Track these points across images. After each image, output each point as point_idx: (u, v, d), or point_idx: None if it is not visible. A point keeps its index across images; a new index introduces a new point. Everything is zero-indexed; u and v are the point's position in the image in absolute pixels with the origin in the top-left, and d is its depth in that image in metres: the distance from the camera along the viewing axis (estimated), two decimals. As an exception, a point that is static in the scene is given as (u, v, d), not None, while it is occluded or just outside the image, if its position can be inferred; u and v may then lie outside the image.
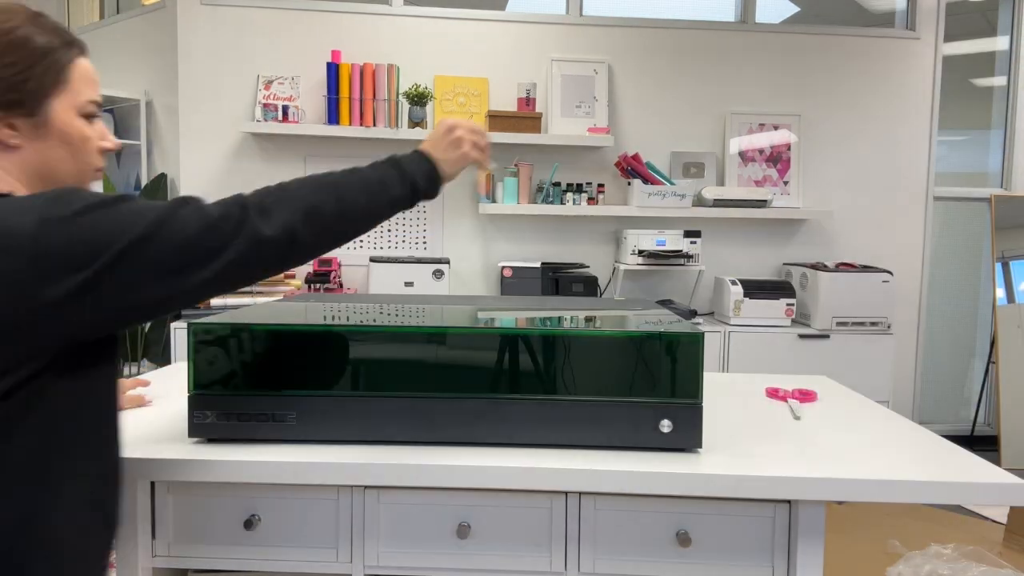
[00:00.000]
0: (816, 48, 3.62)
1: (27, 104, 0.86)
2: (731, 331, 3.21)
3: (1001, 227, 3.55)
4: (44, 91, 0.87)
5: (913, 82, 3.66)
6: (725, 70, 3.60)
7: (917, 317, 3.75)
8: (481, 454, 1.10)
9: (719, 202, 3.39)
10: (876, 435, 1.25)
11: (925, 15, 3.64)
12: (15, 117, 0.86)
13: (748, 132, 3.60)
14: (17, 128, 0.87)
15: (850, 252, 3.70)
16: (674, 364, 1.11)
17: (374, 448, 1.12)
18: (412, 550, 1.15)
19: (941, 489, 1.05)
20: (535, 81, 3.47)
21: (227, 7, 3.34)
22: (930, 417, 3.90)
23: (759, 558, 1.12)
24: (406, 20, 3.45)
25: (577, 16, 3.54)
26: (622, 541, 1.14)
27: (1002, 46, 3.88)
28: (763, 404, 1.45)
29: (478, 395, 1.13)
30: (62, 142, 0.90)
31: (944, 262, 3.87)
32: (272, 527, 1.15)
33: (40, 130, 0.88)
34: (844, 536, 2.74)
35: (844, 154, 3.67)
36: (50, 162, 0.89)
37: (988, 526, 2.89)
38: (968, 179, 3.95)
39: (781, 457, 1.12)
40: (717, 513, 1.12)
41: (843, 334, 3.24)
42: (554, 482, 1.06)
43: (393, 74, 3.30)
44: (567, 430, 1.13)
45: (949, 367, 3.93)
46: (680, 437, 1.12)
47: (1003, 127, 3.90)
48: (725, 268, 3.65)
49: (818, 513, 1.09)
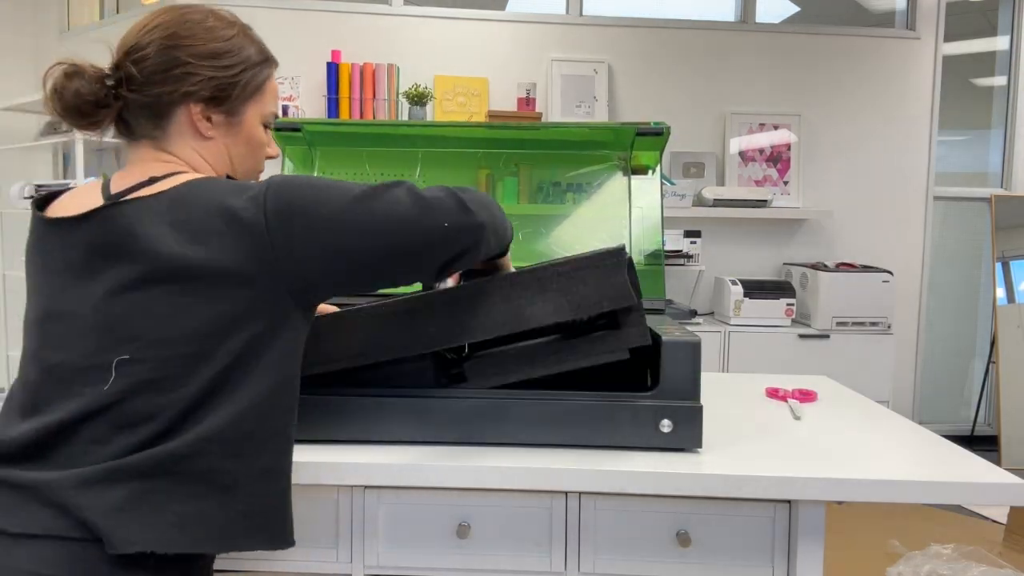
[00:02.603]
0: (816, 48, 3.62)
1: (228, 104, 0.97)
2: (731, 331, 3.21)
3: (1001, 227, 3.55)
4: (245, 97, 0.99)
5: (913, 82, 3.66)
6: (725, 70, 3.60)
7: (917, 317, 3.75)
8: (481, 454, 1.10)
9: (719, 202, 3.39)
10: (876, 435, 1.25)
11: (925, 15, 3.64)
12: (215, 112, 0.97)
13: (748, 132, 3.60)
14: (213, 122, 0.97)
15: (850, 252, 3.70)
16: (673, 364, 1.11)
17: (374, 448, 1.12)
18: (412, 550, 1.14)
19: (941, 489, 1.04)
20: (535, 81, 3.47)
21: (227, 7, 3.34)
22: (930, 417, 3.90)
23: (759, 558, 1.12)
24: (406, 20, 3.45)
25: (577, 16, 3.54)
26: (622, 541, 1.14)
27: (1002, 46, 3.88)
28: (763, 404, 1.45)
29: (478, 395, 1.13)
30: (245, 143, 1.02)
31: (944, 262, 3.87)
32: (272, 527, 1.15)
33: (232, 128, 0.99)
34: (844, 536, 2.74)
35: (844, 154, 3.67)
36: (232, 156, 1.01)
37: (988, 526, 2.89)
38: (968, 179, 3.95)
39: (781, 457, 1.12)
40: (717, 513, 1.12)
41: (843, 334, 3.24)
42: (554, 482, 1.06)
43: (393, 74, 3.30)
44: (567, 430, 1.13)
45: (949, 367, 3.93)
46: (680, 437, 1.12)
47: (1003, 127, 3.90)
48: (725, 268, 3.65)
49: (818, 513, 1.09)
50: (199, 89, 0.94)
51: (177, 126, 0.95)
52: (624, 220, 1.52)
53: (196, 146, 0.97)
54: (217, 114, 0.97)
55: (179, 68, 0.92)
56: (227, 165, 1.01)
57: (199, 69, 0.93)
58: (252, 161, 1.04)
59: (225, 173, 1.02)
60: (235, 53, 0.97)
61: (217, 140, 0.98)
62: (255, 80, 0.99)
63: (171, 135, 0.96)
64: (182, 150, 0.96)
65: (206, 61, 0.94)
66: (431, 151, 1.68)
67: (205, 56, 0.94)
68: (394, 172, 1.65)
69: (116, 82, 0.92)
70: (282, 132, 1.52)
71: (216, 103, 0.96)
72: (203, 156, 0.98)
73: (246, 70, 0.98)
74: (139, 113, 0.94)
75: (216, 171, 1.00)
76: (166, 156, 0.96)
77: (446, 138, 1.67)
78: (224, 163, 1.01)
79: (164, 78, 0.92)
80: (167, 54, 0.92)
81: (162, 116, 0.94)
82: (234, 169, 1.03)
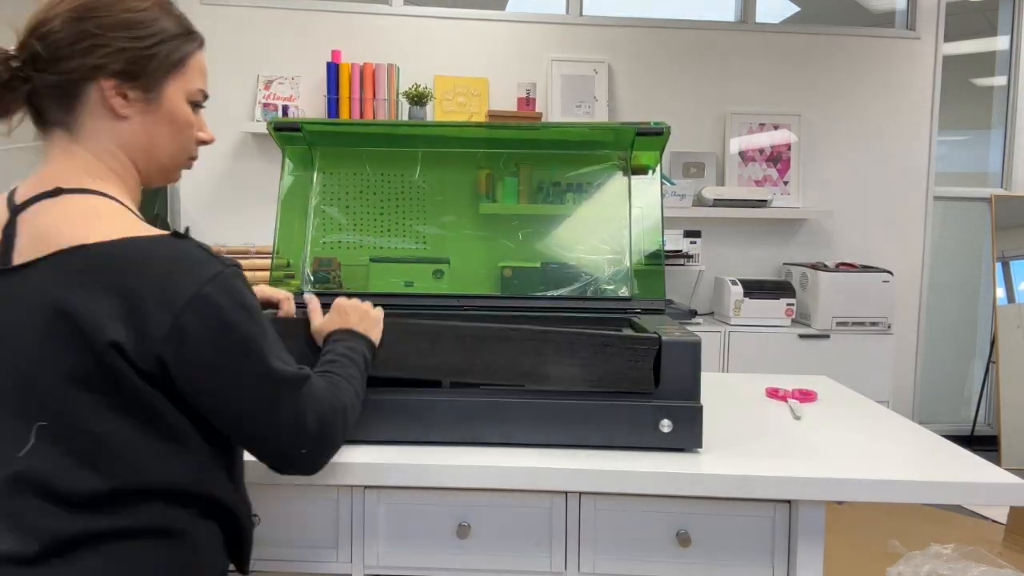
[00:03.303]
0: (816, 48, 3.62)
1: (144, 79, 0.90)
2: (731, 331, 3.21)
3: (1001, 227, 3.55)
4: (163, 71, 0.92)
5: (913, 82, 3.66)
6: (725, 70, 3.60)
7: (917, 317, 3.75)
8: (481, 454, 1.10)
9: (719, 202, 3.39)
10: (876, 435, 1.25)
11: (925, 15, 3.64)
12: (130, 89, 0.90)
13: (748, 132, 3.60)
14: (129, 100, 0.90)
15: (850, 252, 3.70)
16: (673, 365, 1.11)
17: (374, 448, 1.12)
18: (412, 550, 1.14)
19: (941, 489, 1.05)
20: (535, 81, 3.47)
21: (227, 7, 3.34)
22: (930, 417, 3.90)
23: (759, 558, 1.12)
24: (406, 20, 3.45)
25: (577, 16, 3.54)
26: (622, 541, 1.14)
27: (1002, 46, 3.88)
28: (763, 404, 1.45)
29: (478, 395, 1.13)
30: (169, 122, 0.94)
31: (944, 262, 3.87)
32: (272, 527, 1.15)
33: (151, 106, 0.92)
34: (844, 536, 2.74)
35: (844, 154, 3.67)
36: (153, 138, 0.94)
37: (988, 526, 2.89)
38: (968, 179, 3.94)
39: (781, 457, 1.12)
40: (717, 513, 1.12)
41: (843, 334, 3.24)
42: (554, 482, 1.06)
43: (393, 74, 3.30)
44: (567, 430, 1.13)
45: (949, 367, 3.93)
46: (680, 437, 1.12)
47: (1003, 127, 3.90)
48: (725, 268, 3.65)
49: (818, 513, 1.09)
50: (109, 62, 0.87)
51: (89, 108, 0.89)
52: (624, 220, 1.52)
53: (111, 130, 0.90)
54: (133, 90, 0.90)
55: (87, 40, 0.86)
56: (146, 151, 0.94)
57: (109, 40, 0.87)
58: (178, 144, 0.96)
59: (144, 162, 0.95)
60: (148, 24, 0.90)
61: (134, 120, 0.91)
62: (175, 54, 0.92)
63: (83, 120, 0.89)
64: (96, 139, 0.90)
65: (117, 32, 0.88)
66: (431, 151, 1.68)
67: (115, 27, 0.88)
68: (394, 172, 1.65)
69: (22, 63, 0.86)
70: (282, 132, 1.52)
71: (130, 77, 0.89)
72: (119, 143, 0.91)
73: (163, 42, 0.91)
74: (48, 95, 0.88)
75: (134, 160, 0.94)
76: (79, 154, 0.90)
77: (446, 138, 1.67)
78: (143, 149, 0.93)
79: (71, 52, 0.86)
80: (74, 26, 0.86)
81: (72, 96, 0.88)
82: (156, 155, 0.95)
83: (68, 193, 0.86)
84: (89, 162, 0.90)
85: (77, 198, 0.86)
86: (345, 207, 1.60)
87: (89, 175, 0.89)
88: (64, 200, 0.86)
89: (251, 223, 3.39)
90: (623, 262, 1.48)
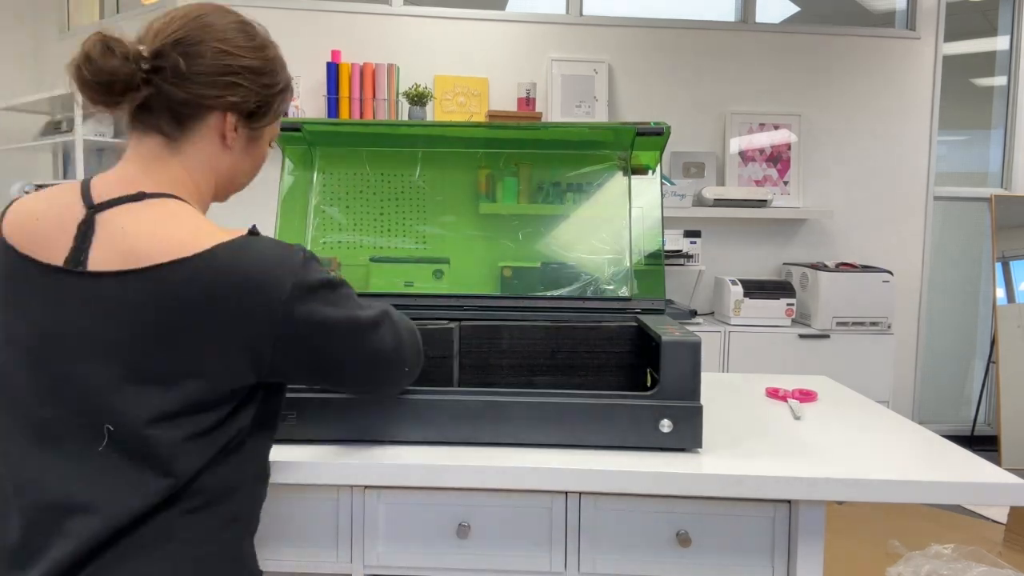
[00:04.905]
0: (816, 48, 3.62)
1: (258, 120, 0.97)
2: (731, 331, 3.21)
3: (1001, 227, 3.55)
4: (273, 116, 0.99)
5: (913, 82, 3.66)
6: (725, 70, 3.60)
7: (917, 317, 3.75)
8: (481, 454, 1.10)
9: (719, 202, 3.39)
10: (876, 435, 1.25)
11: (925, 15, 3.64)
12: (244, 127, 0.96)
13: (748, 132, 3.60)
14: (238, 134, 0.96)
15: (850, 252, 3.70)
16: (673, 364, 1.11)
17: (374, 448, 1.12)
18: (412, 550, 1.14)
19: (941, 489, 1.04)
20: (535, 81, 3.47)
21: (230, 6, 3.34)
22: (930, 417, 3.90)
23: (759, 558, 1.12)
24: (406, 20, 3.45)
25: (577, 16, 3.54)
26: (622, 541, 1.14)
27: (1002, 46, 3.88)
28: (763, 404, 1.45)
29: (478, 395, 1.13)
30: (255, 158, 1.01)
31: (944, 262, 3.87)
32: (272, 527, 1.15)
33: (251, 143, 0.99)
34: (844, 536, 2.74)
35: (844, 154, 3.67)
36: (239, 167, 0.99)
37: (988, 526, 2.89)
38: (968, 179, 3.95)
39: (781, 457, 1.12)
40: (717, 513, 1.12)
41: (843, 334, 3.24)
42: (554, 482, 1.06)
43: (393, 74, 3.30)
44: (567, 430, 1.13)
45: (949, 367, 3.93)
46: (680, 437, 1.12)
47: (1003, 127, 3.90)
48: (725, 268, 3.65)
49: (818, 513, 1.09)
50: (242, 101, 0.93)
51: (202, 131, 0.92)
52: (624, 220, 1.52)
53: (213, 154, 0.94)
54: (244, 128, 0.96)
55: (230, 76, 0.91)
56: (229, 178, 0.99)
57: (248, 83, 0.92)
58: (252, 176, 1.04)
59: (223, 186, 0.99)
60: (276, 73, 0.97)
61: (235, 151, 0.96)
62: (284, 104, 1.00)
63: (192, 138, 0.92)
64: (195, 157, 0.93)
65: (255, 76, 0.93)
66: (431, 151, 1.68)
67: (254, 71, 0.93)
68: (394, 172, 1.65)
69: (153, 68, 0.87)
70: (282, 132, 1.52)
71: (251, 119, 0.95)
72: (212, 167, 0.95)
73: (282, 91, 0.98)
74: (167, 107, 0.89)
75: (217, 183, 0.98)
76: (173, 165, 0.91)
77: (446, 138, 1.67)
78: (228, 175, 0.98)
79: (211, 81, 0.90)
80: (220, 59, 0.90)
81: (193, 116, 0.91)
82: (234, 182, 1.01)
83: (150, 198, 0.87)
84: (179, 175, 0.92)
85: (158, 203, 0.87)
86: (345, 207, 1.60)
87: (173, 185, 0.91)
88: (146, 205, 0.86)
89: (251, 223, 3.38)
90: (623, 262, 1.48)
